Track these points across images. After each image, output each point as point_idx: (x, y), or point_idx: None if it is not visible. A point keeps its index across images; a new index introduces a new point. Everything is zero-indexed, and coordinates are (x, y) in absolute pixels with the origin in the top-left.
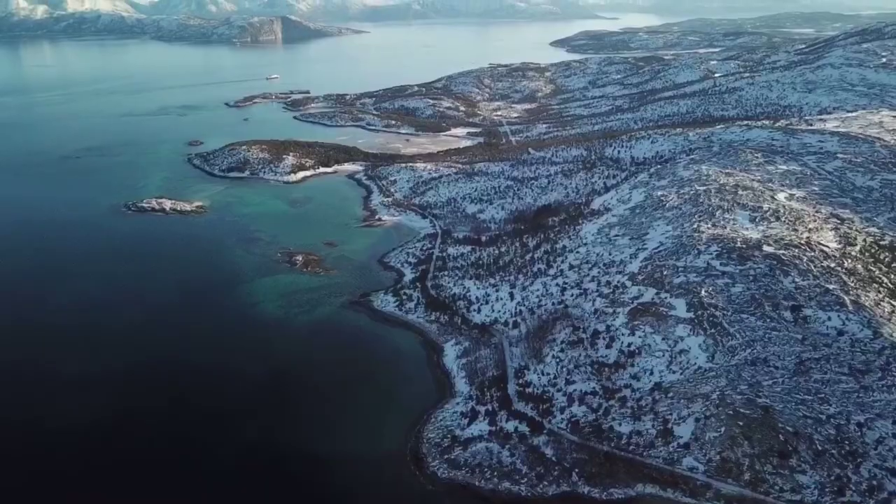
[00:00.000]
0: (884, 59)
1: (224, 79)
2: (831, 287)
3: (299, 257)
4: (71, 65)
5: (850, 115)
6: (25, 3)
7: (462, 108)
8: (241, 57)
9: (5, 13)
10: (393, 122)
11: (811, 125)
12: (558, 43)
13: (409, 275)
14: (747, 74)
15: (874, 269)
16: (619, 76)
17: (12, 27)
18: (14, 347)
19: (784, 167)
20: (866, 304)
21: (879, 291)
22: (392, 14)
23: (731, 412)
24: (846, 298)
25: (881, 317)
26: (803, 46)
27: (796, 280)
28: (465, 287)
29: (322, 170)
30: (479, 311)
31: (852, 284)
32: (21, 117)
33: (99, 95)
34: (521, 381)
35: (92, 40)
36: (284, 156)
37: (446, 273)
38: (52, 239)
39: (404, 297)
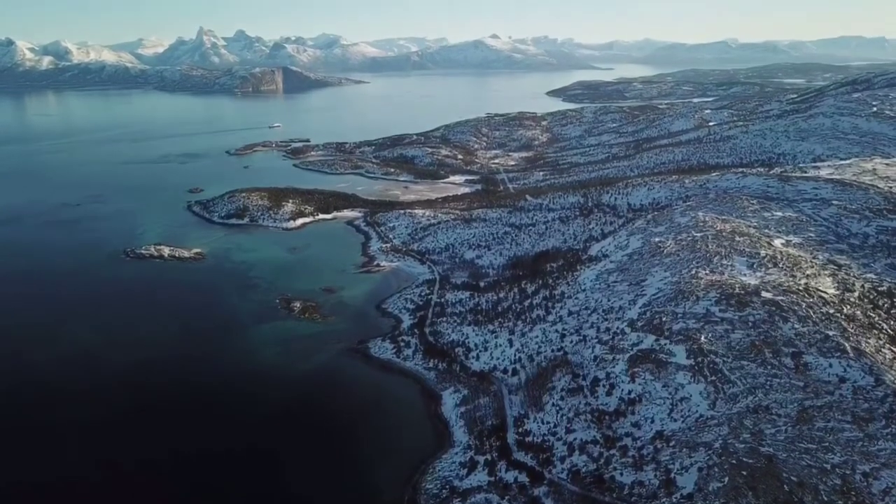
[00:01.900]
0: (874, 109)
1: (225, 127)
2: (831, 333)
3: (297, 304)
4: (74, 114)
5: (843, 162)
6: (31, 55)
7: (460, 157)
8: (243, 106)
9: (12, 64)
10: (392, 169)
11: (805, 172)
12: (554, 93)
13: (406, 321)
14: (741, 123)
15: (873, 315)
16: (614, 125)
17: (18, 78)
18: (8, 394)
19: (780, 214)
20: (867, 350)
21: (880, 338)
22: (391, 65)
23: (734, 461)
24: (847, 345)
25: (882, 364)
26: (795, 96)
27: (796, 326)
28: (463, 333)
29: (321, 216)
30: (477, 357)
31: (852, 331)
32: (23, 165)
33: (101, 144)
34: (520, 430)
35: (96, 90)
36: (284, 203)
37: (445, 319)
38: (48, 285)
39: (402, 343)
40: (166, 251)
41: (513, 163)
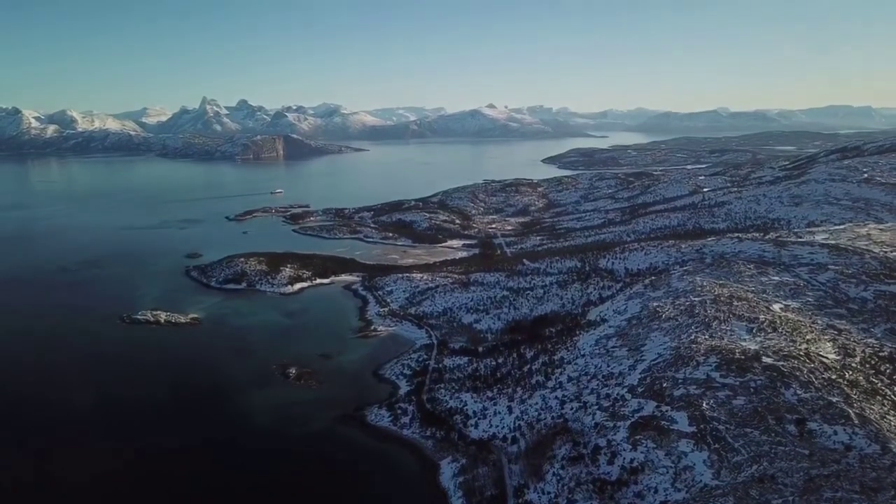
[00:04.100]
0: (865, 175)
1: (225, 193)
2: (834, 400)
3: (293, 370)
4: (76, 180)
5: (837, 227)
6: (37, 123)
7: (458, 221)
8: (243, 173)
9: (17, 132)
10: (390, 234)
11: (801, 237)
12: (550, 160)
13: (404, 388)
14: (735, 189)
15: (875, 381)
16: (610, 191)
17: (22, 145)
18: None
19: (777, 278)
20: (871, 417)
21: (883, 404)
22: (390, 133)
23: None
24: (851, 412)
25: (888, 431)
26: (787, 163)
27: (798, 392)
28: (461, 400)
29: (319, 281)
30: (476, 425)
31: (855, 397)
32: (23, 230)
33: (101, 209)
34: (520, 501)
35: (98, 158)
36: (282, 267)
37: (443, 385)
38: (41, 350)
39: (399, 411)
40: (162, 316)
41: (510, 228)
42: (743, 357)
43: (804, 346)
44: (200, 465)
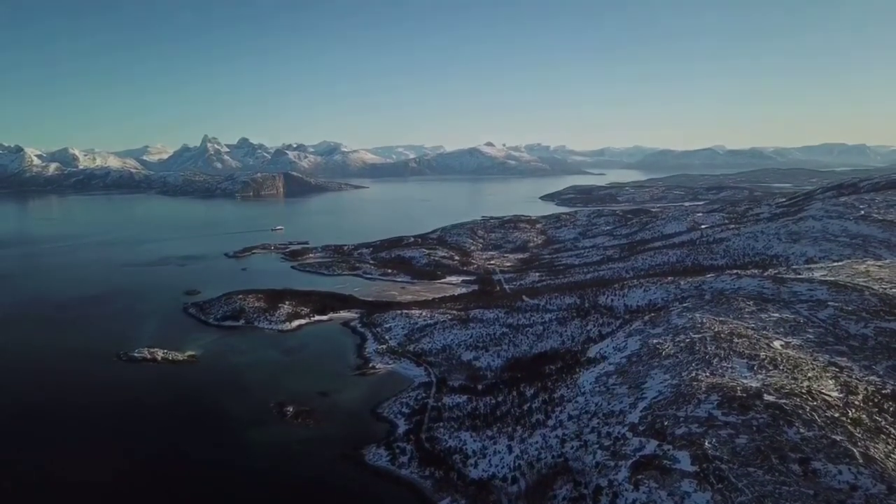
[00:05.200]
0: (862, 212)
1: (225, 230)
2: (838, 438)
3: (290, 408)
4: (76, 217)
5: (836, 264)
6: (39, 161)
7: (457, 257)
8: (243, 210)
9: (19, 169)
10: (389, 270)
11: (800, 274)
12: (548, 197)
13: (402, 426)
14: (733, 226)
15: (879, 419)
16: (608, 227)
17: (24, 182)
18: None
19: (777, 315)
20: (876, 456)
21: (888, 443)
22: (390, 171)
23: None
24: (855, 451)
25: (894, 470)
26: (784, 200)
27: (801, 430)
28: (461, 439)
29: (317, 318)
30: (475, 465)
31: (859, 435)
32: (21, 267)
33: (101, 246)
34: None
35: (99, 195)
36: (280, 304)
37: (441, 424)
38: (36, 387)
39: (397, 450)
40: (160, 354)
41: (509, 264)
42: (744, 395)
43: (806, 383)
44: None
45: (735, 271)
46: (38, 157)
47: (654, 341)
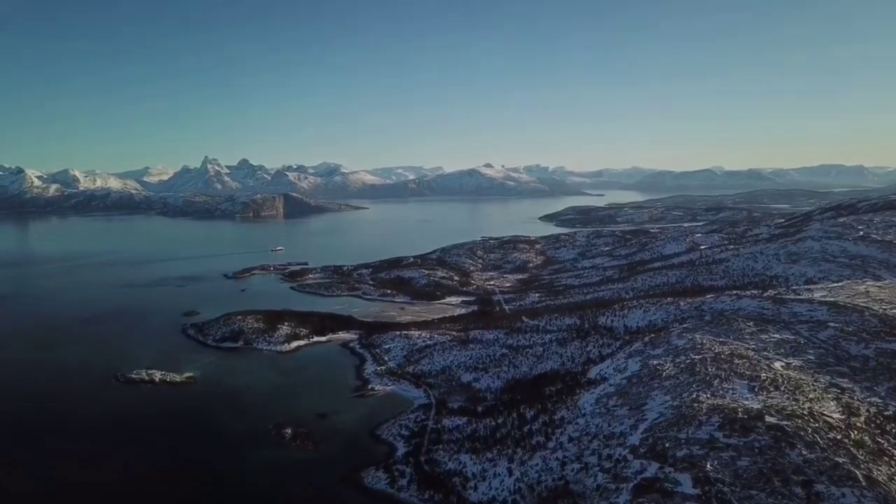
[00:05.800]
0: (861, 232)
1: (225, 251)
2: (841, 461)
3: (289, 430)
4: (76, 238)
5: (836, 285)
6: (39, 182)
7: (456, 278)
8: (243, 231)
9: (20, 191)
10: (389, 291)
11: (799, 295)
12: (547, 217)
13: (401, 449)
14: (732, 246)
15: (882, 441)
16: (607, 248)
17: (24, 204)
18: None
19: (777, 336)
20: (879, 479)
21: (891, 465)
22: (389, 192)
23: None
24: (858, 473)
25: None
26: (783, 220)
27: (803, 453)
28: (460, 462)
29: (316, 339)
30: (475, 488)
31: (862, 458)
32: (20, 288)
33: (100, 267)
34: None
35: (99, 216)
36: (279, 325)
37: (441, 447)
38: (32, 409)
39: (396, 473)
40: (157, 375)
41: (508, 284)
42: (746, 416)
43: (807, 404)
44: None
45: (735, 292)
46: (39, 178)
47: (655, 362)
